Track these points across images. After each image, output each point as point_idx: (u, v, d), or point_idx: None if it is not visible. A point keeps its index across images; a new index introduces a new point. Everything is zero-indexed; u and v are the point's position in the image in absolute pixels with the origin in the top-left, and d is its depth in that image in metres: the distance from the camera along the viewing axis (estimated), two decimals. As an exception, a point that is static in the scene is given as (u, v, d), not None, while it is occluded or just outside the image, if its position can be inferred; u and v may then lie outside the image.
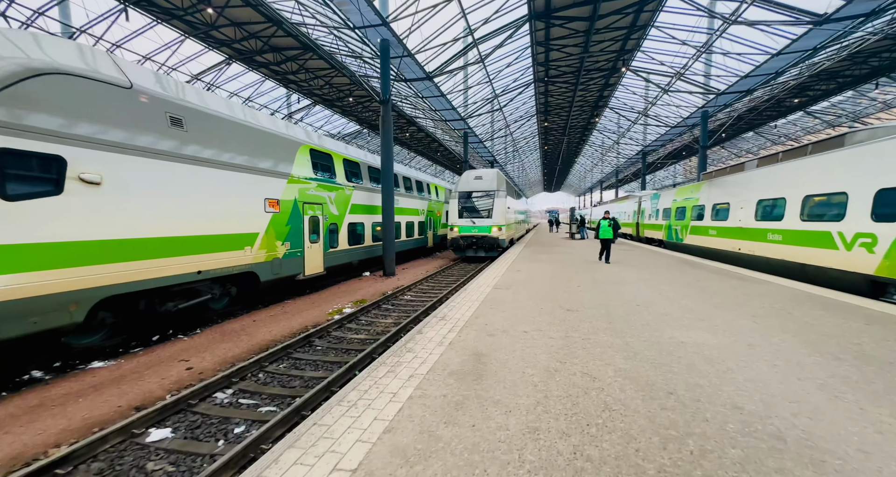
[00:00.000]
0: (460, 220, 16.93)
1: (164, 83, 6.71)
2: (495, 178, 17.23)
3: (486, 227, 16.43)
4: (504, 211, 16.72)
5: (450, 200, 17.80)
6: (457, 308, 6.26)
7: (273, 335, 6.95)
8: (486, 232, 16.39)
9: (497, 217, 16.50)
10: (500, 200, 16.68)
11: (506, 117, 29.84)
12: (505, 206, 16.84)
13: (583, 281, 8.63)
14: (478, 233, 16.53)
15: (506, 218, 16.94)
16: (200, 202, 7.08)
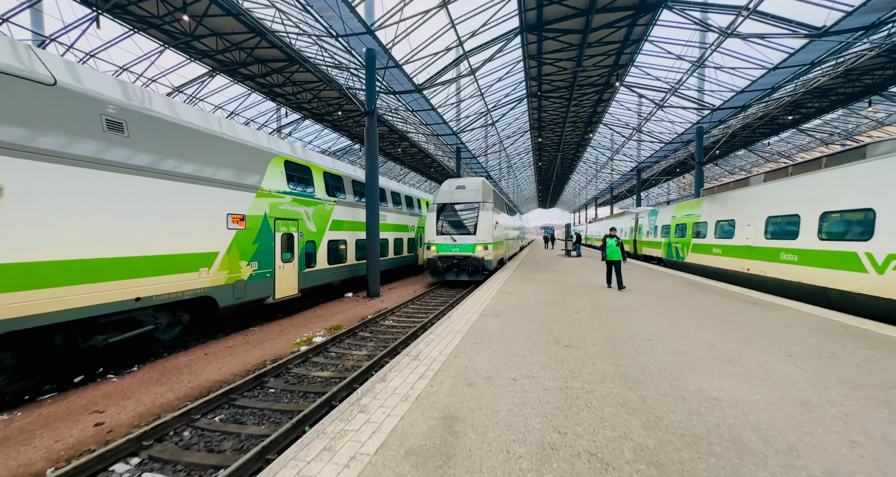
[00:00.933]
0: (438, 238, 14.22)
1: (102, 82, 5.89)
2: (480, 187, 14.78)
3: (470, 245, 13.75)
4: (491, 226, 14.05)
5: (427, 214, 15.13)
6: (435, 342, 5.30)
7: (222, 373, 5.90)
8: (470, 251, 13.72)
9: (482, 233, 13.86)
10: (486, 214, 14.12)
11: (499, 132, 29.54)
12: (492, 220, 14.19)
13: (581, 306, 7.71)
14: (459, 253, 13.84)
15: (493, 235, 14.24)
16: (142, 218, 6.15)
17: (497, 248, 15.22)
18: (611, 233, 10.38)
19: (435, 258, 14.20)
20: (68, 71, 5.48)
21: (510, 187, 65.48)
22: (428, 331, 6.01)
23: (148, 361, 6.55)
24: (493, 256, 14.24)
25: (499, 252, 15.98)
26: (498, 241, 15.74)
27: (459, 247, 13.89)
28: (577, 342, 5.14)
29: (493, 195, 15.31)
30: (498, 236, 15.71)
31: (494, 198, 15.68)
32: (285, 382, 5.68)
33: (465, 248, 13.80)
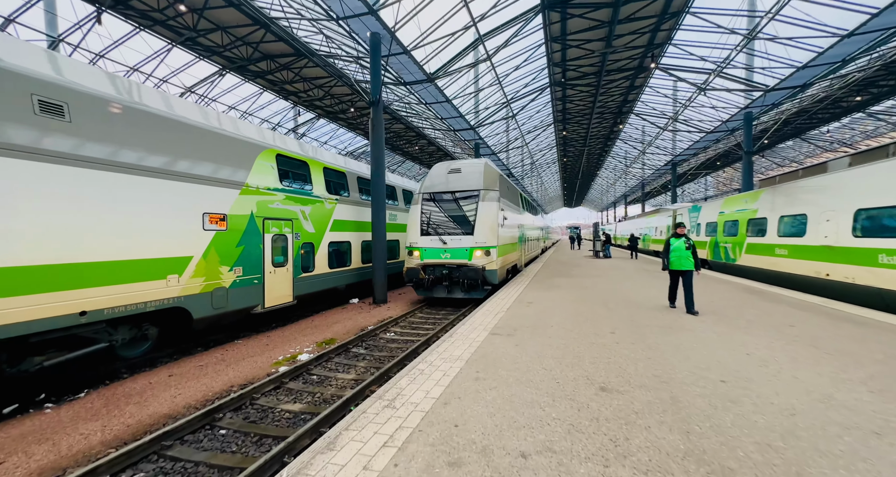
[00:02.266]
0: (423, 239, 10.65)
1: (33, 56, 5.02)
2: (482, 171, 11.20)
3: (465, 250, 10.21)
4: (495, 223, 10.41)
5: (411, 207, 11.53)
6: (425, 375, 4.03)
7: (174, 404, 4.89)
8: (465, 258, 10.14)
9: (483, 233, 10.22)
10: (488, 206, 10.50)
11: (520, 126, 27.91)
12: (497, 215, 10.59)
13: (618, 322, 6.21)
14: (451, 260, 10.27)
15: (500, 235, 10.69)
16: (88, 218, 5.26)
17: (506, 252, 11.67)
18: (677, 231, 7.37)
19: (417, 267, 10.55)
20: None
21: (534, 186, 63.28)
22: (421, 357, 4.74)
23: (103, 383, 5.67)
24: (500, 264, 10.64)
25: (509, 258, 12.30)
26: (508, 243, 12.16)
27: (451, 252, 10.29)
28: (617, 382, 3.72)
29: (499, 182, 11.75)
30: (508, 237, 12.15)
31: (502, 186, 12.12)
32: (244, 418, 4.58)
33: (459, 253, 10.23)
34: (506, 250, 11.73)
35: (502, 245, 11.12)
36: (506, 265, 11.82)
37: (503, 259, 11.25)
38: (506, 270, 11.98)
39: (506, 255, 11.70)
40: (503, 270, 11.39)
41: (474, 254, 10.15)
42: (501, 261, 10.94)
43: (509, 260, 12.47)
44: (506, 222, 11.75)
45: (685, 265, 7.08)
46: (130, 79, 6.52)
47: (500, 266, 10.66)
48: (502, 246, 11.13)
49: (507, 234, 12.17)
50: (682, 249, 7.15)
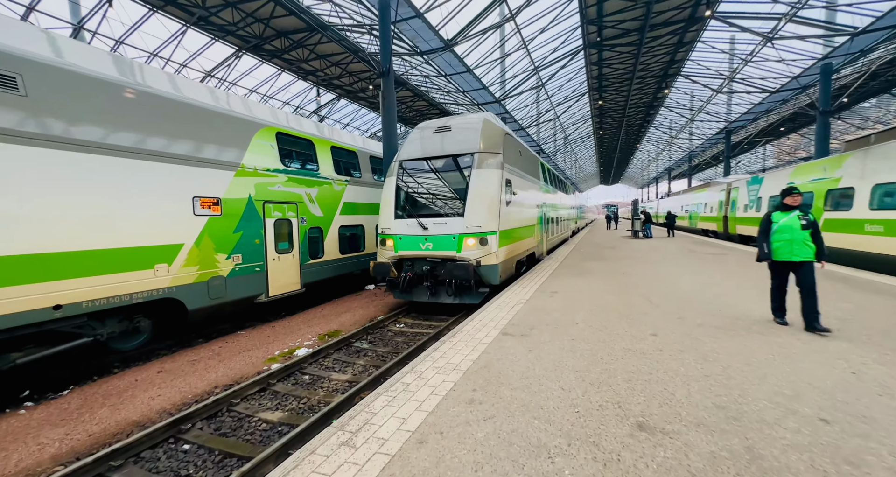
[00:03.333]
0: (398, 224, 7.99)
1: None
2: (478, 128, 8.23)
3: (450, 238, 7.48)
4: (497, 200, 7.68)
5: (385, 179, 8.77)
6: (408, 393, 3.22)
7: (149, 408, 4.47)
8: (451, 250, 7.46)
9: (477, 214, 7.46)
10: (486, 177, 7.69)
11: (550, 97, 25.72)
12: (500, 189, 7.82)
13: (661, 320, 5.07)
14: (432, 251, 7.61)
15: (501, 216, 7.81)
16: (57, 203, 4.82)
17: (514, 239, 8.75)
18: (786, 202, 4.77)
19: (388, 263, 7.87)
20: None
21: (567, 163, 59.93)
22: (410, 365, 3.94)
23: (91, 379, 5.42)
24: (504, 256, 7.91)
25: (520, 247, 9.34)
26: (519, 227, 9.20)
27: (434, 241, 7.55)
28: (661, 415, 2.71)
29: (505, 144, 8.59)
30: (519, 219, 9.18)
31: (510, 149, 8.97)
32: (215, 430, 4.05)
33: (444, 242, 7.49)
34: (514, 237, 8.74)
35: (508, 230, 8.23)
36: (514, 257, 8.81)
37: (509, 249, 8.29)
38: (515, 263, 8.94)
39: (514, 243, 8.74)
40: (509, 264, 8.37)
41: (464, 243, 7.33)
42: (506, 252, 8.04)
43: (520, 249, 9.38)
44: (515, 199, 8.86)
45: (801, 254, 4.50)
46: (101, 48, 5.96)
47: (503, 259, 7.81)
48: (508, 231, 8.23)
49: (518, 215, 9.18)
50: (796, 229, 4.52)
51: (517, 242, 9.14)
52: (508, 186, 8.38)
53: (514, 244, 8.85)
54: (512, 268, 8.78)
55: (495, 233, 7.54)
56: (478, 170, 7.70)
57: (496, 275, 7.55)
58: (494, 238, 7.52)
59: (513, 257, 8.77)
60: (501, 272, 7.79)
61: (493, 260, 7.50)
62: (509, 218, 8.34)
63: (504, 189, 8.05)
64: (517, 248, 9.16)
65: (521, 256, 9.57)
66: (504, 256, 7.97)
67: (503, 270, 7.94)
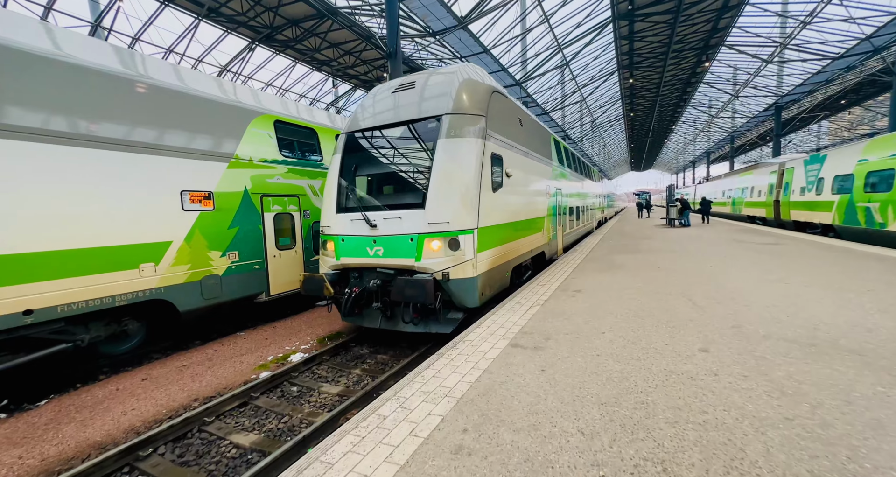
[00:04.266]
0: (340, 220, 5.75)
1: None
2: (452, 82, 5.77)
3: (406, 240, 5.17)
4: (474, 184, 5.26)
5: (332, 157, 6.29)
6: (377, 435, 2.53)
7: (117, 426, 4.07)
8: (406, 257, 5.18)
9: (444, 204, 5.09)
10: (457, 150, 5.25)
11: (575, 78, 24.01)
12: (478, 167, 5.34)
13: (712, 331, 4.10)
14: (382, 259, 5.35)
15: (482, 207, 5.39)
16: (21, 200, 4.45)
17: (506, 239, 6.39)
18: None
19: (320, 277, 5.65)
20: None
21: (595, 149, 57.11)
22: (394, 389, 3.24)
23: (73, 387, 5.13)
24: (487, 264, 5.58)
25: (516, 248, 6.92)
26: (516, 221, 6.88)
27: (386, 243, 5.31)
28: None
29: (492, 105, 5.99)
30: (514, 211, 6.80)
31: (501, 112, 6.41)
32: (178, 456, 3.56)
33: (397, 246, 5.24)
34: (506, 235, 6.30)
35: (495, 227, 5.82)
36: (506, 263, 6.33)
37: (497, 254, 5.91)
38: (509, 271, 6.52)
39: (506, 244, 6.33)
40: (497, 274, 5.92)
41: (426, 247, 5.03)
42: (491, 257, 5.67)
43: (517, 251, 6.92)
44: (510, 182, 6.51)
45: None
46: (74, 31, 5.55)
47: (485, 269, 5.45)
48: (495, 229, 5.82)
49: (514, 205, 6.74)
50: None
51: (512, 243, 6.62)
52: (497, 165, 5.93)
53: (507, 246, 6.37)
54: (504, 279, 6.31)
55: (471, 231, 5.08)
56: (447, 140, 5.18)
57: (473, 293, 5.12)
58: (470, 239, 5.06)
59: (503, 264, 6.21)
60: (483, 288, 5.34)
61: (469, 271, 5.03)
62: (498, 209, 5.95)
63: (489, 168, 5.59)
64: (511, 250, 6.61)
65: (520, 260, 7.12)
66: (488, 264, 5.54)
67: (485, 284, 5.47)
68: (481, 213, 5.37)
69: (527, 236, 7.64)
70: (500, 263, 6.13)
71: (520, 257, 7.22)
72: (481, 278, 5.38)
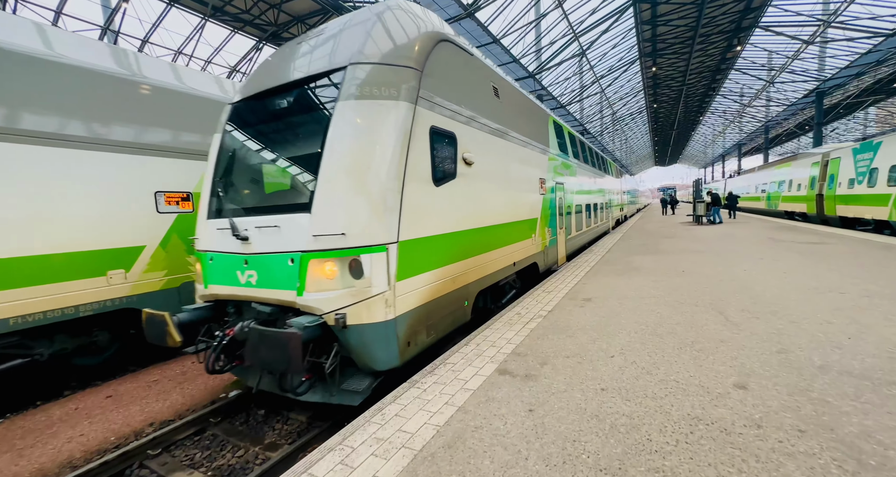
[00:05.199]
0: (210, 229, 3.94)
1: None
2: (364, 23, 3.86)
3: (284, 261, 3.30)
4: (397, 172, 3.37)
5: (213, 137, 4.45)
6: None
7: (56, 456, 3.68)
8: (284, 288, 3.30)
9: (340, 202, 3.23)
10: (368, 115, 3.36)
11: (593, 68, 22.78)
12: (405, 146, 3.47)
13: (746, 354, 3.28)
14: (256, 290, 3.48)
15: (427, 208, 3.80)
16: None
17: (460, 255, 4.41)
18: None
19: (162, 318, 3.63)
20: None
21: (616, 144, 54.98)
22: (342, 433, 2.64)
23: (34, 404, 4.80)
24: (415, 298, 3.59)
25: (481, 266, 4.92)
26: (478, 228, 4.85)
27: (260, 265, 3.46)
28: None
29: (435, 55, 4.02)
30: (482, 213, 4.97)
31: (448, 67, 4.31)
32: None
33: (274, 270, 3.37)
34: (459, 249, 4.41)
35: (436, 239, 3.93)
36: (456, 292, 4.32)
37: (439, 278, 3.98)
38: (462, 303, 4.47)
39: (458, 262, 4.38)
40: (437, 312, 3.96)
41: (311, 274, 3.22)
42: (426, 287, 3.77)
43: (483, 270, 4.99)
44: (468, 172, 4.57)
45: None
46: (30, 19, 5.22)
47: (413, 306, 3.56)
48: (435, 241, 3.93)
49: (476, 205, 4.81)
50: None
51: (474, 259, 4.70)
52: (444, 145, 4.06)
53: (463, 264, 4.43)
54: (457, 313, 4.33)
55: (383, 249, 3.22)
56: (349, 103, 3.36)
57: (386, 347, 3.29)
58: (381, 260, 3.21)
59: (456, 292, 4.27)
60: (409, 335, 3.49)
61: (378, 312, 3.21)
62: (444, 210, 4.07)
63: (425, 148, 3.74)
64: (474, 268, 4.68)
65: (492, 280, 5.20)
66: (421, 297, 3.65)
67: (415, 329, 3.57)
68: (407, 217, 3.41)
69: (506, 246, 5.71)
70: (449, 290, 4.13)
71: (492, 276, 5.23)
72: (405, 322, 3.40)
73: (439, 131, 4.02)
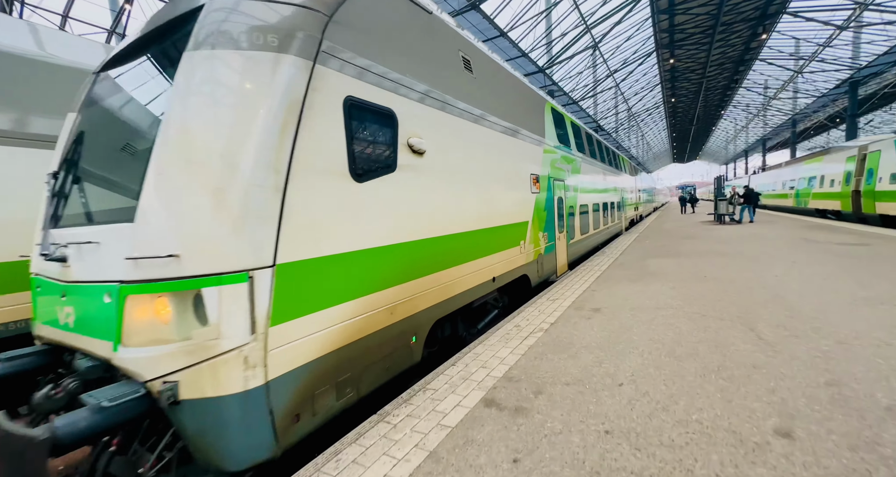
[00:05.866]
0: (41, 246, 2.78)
1: None
2: None
3: (100, 294, 2.19)
4: (262, 167, 2.16)
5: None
6: None
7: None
8: (101, 338, 2.20)
9: (178, 214, 2.07)
10: (235, 72, 2.23)
11: (606, 61, 21.88)
12: (277, 122, 2.23)
13: (787, 385, 2.68)
14: (75, 336, 2.42)
15: (348, 216, 2.69)
16: None
17: (390, 277, 3.09)
18: None
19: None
20: None
21: (632, 141, 53.40)
22: None
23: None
24: (307, 351, 2.37)
25: (423, 289, 3.50)
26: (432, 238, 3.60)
27: (77, 298, 2.40)
28: None
29: (379, 6, 3.15)
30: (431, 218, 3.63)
31: (382, 14, 3.18)
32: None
33: (92, 307, 2.28)
34: (398, 269, 3.20)
35: (354, 255, 2.74)
36: (391, 329, 3.11)
37: (355, 314, 2.75)
38: (407, 340, 3.34)
39: (386, 289, 3.07)
40: (348, 368, 2.72)
41: (127, 317, 2.06)
42: (337, 328, 2.60)
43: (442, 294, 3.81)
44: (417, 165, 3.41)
45: None
46: None
47: (310, 358, 2.41)
48: (352, 260, 2.73)
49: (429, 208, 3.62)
50: None
51: (422, 281, 3.50)
52: (379, 125, 3.07)
53: (400, 290, 3.23)
54: (393, 360, 3.21)
55: (242, 278, 2.06)
56: (195, 56, 2.25)
57: (246, 433, 2.12)
58: (240, 295, 2.06)
59: (387, 333, 3.09)
60: (291, 410, 2.30)
61: (233, 379, 2.04)
62: (375, 215, 2.96)
63: (333, 126, 2.61)
64: (422, 294, 3.51)
65: (448, 308, 3.93)
66: (320, 347, 2.49)
67: (303, 398, 2.38)
68: (296, 228, 2.33)
69: (480, 258, 4.53)
70: (382, 326, 3.01)
71: (458, 298, 4.08)
72: (289, 387, 2.28)
73: (365, 106, 2.88)
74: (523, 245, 5.89)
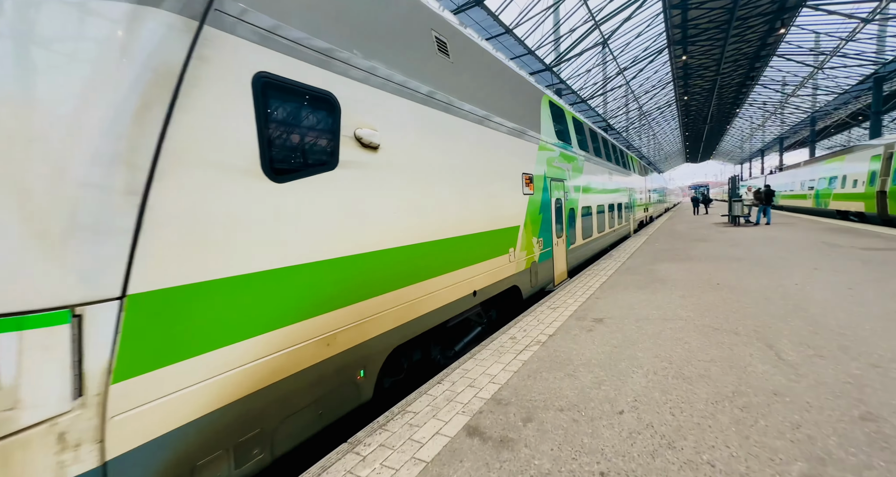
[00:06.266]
0: None
1: None
2: None
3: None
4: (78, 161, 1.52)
5: None
6: None
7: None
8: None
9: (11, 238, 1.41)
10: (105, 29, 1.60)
11: (616, 59, 21.31)
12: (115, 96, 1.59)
13: (814, 419, 2.31)
14: None
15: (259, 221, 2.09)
16: None
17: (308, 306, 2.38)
18: None
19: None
20: None
21: (643, 141, 52.39)
22: None
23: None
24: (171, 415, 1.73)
25: (373, 312, 2.88)
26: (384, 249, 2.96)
27: None
28: None
29: None
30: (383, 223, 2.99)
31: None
32: None
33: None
34: (333, 290, 2.55)
35: (279, 274, 2.21)
36: (329, 368, 2.56)
37: (273, 350, 2.18)
38: (352, 375, 2.76)
39: (323, 314, 2.49)
40: (262, 418, 2.15)
41: None
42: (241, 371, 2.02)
43: (388, 322, 3.05)
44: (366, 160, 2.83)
45: None
46: None
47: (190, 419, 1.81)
48: (278, 276, 2.21)
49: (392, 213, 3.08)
50: None
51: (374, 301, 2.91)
52: (311, 110, 2.47)
53: (343, 314, 2.64)
54: (331, 402, 2.63)
55: (63, 319, 1.47)
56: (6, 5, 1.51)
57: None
58: (58, 341, 1.46)
59: (321, 369, 2.50)
60: None
61: (44, 464, 1.42)
62: (302, 222, 2.36)
63: (239, 110, 2.02)
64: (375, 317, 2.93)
65: (413, 330, 3.36)
66: (210, 400, 1.90)
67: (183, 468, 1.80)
68: (170, 242, 1.76)
69: (457, 270, 4.00)
70: (314, 361, 2.46)
71: (427, 318, 3.55)
72: (134, 472, 1.65)
73: (289, 86, 2.30)
74: (513, 252, 5.29)
